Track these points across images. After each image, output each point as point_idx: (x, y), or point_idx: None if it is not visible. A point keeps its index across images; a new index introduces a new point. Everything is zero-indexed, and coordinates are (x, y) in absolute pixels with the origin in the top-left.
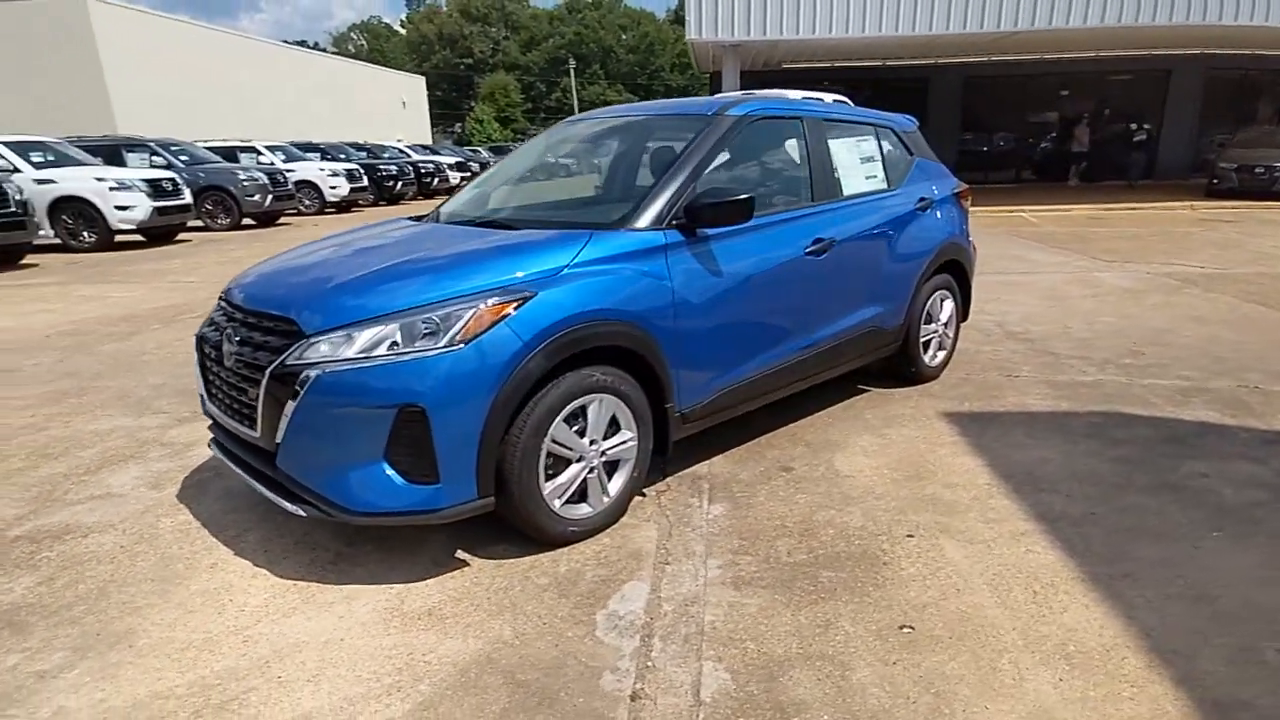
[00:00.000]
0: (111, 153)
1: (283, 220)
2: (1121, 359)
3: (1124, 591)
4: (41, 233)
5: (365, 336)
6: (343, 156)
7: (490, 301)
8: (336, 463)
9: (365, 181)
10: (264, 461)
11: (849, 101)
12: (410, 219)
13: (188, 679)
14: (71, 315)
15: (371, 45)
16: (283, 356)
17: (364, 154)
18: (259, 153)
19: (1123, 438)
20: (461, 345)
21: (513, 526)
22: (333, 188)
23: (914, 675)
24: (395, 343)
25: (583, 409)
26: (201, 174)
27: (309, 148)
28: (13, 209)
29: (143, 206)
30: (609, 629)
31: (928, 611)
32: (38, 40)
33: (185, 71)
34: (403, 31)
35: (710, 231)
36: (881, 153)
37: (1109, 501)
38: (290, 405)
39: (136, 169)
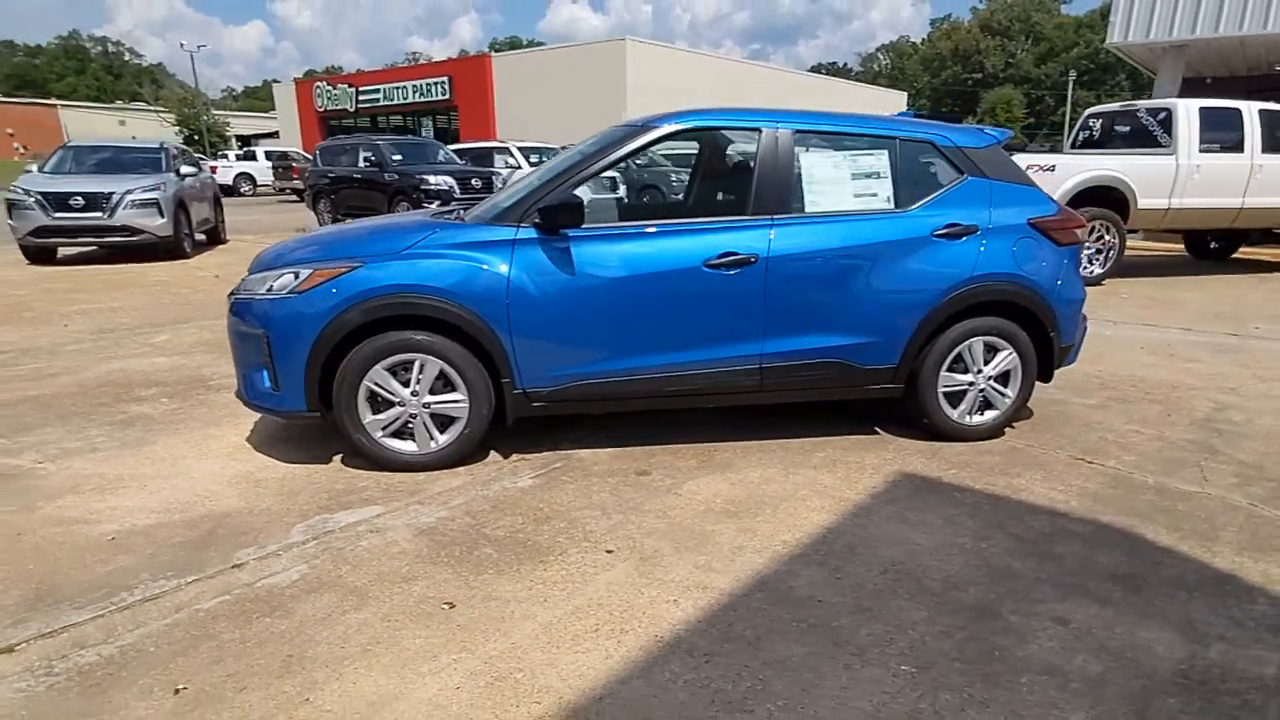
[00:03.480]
0: None
1: None
2: None
3: (666, 661)
4: None
5: (269, 281)
6: None
7: (327, 265)
8: (244, 363)
9: None
10: None
11: None
12: (439, 208)
13: (118, 473)
14: None
15: (894, 64)
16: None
17: None
18: None
19: (1058, 553)
20: (296, 295)
21: None
22: None
23: (346, 630)
24: (271, 287)
25: (410, 363)
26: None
27: None
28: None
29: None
30: (308, 527)
31: (491, 604)
32: (583, 72)
33: (682, 90)
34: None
35: (573, 232)
36: (894, 170)
37: (873, 599)
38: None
39: None
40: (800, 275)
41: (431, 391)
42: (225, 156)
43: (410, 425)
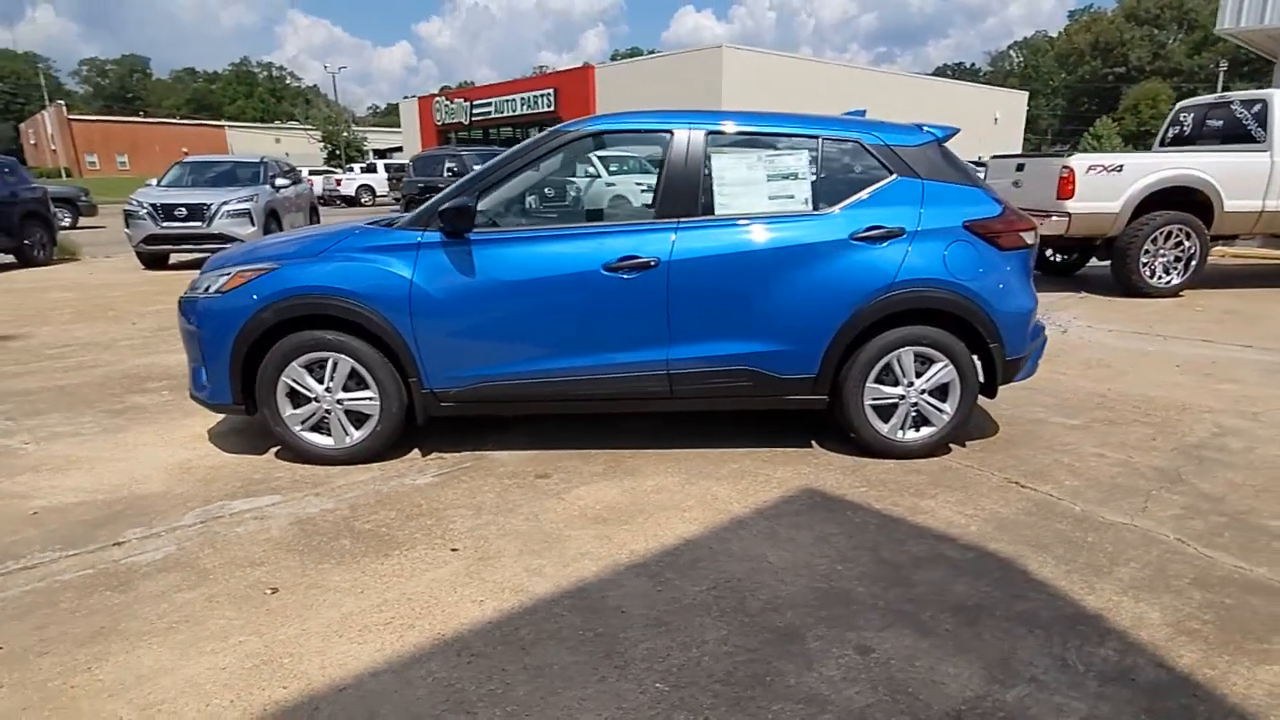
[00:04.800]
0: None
1: None
2: (1271, 521)
3: (429, 659)
4: None
5: (208, 281)
6: None
7: (249, 267)
8: (190, 358)
9: None
10: None
11: None
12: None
13: (81, 455)
14: None
15: (1028, 61)
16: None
17: None
18: None
19: (915, 580)
20: (221, 294)
21: None
22: None
23: (167, 607)
24: (208, 288)
25: (325, 361)
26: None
27: None
28: None
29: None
30: (203, 512)
31: (312, 592)
32: (681, 80)
33: (779, 97)
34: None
35: (475, 235)
36: (816, 170)
37: (679, 615)
38: None
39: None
40: (704, 280)
41: (345, 389)
42: (351, 170)
43: (326, 420)
